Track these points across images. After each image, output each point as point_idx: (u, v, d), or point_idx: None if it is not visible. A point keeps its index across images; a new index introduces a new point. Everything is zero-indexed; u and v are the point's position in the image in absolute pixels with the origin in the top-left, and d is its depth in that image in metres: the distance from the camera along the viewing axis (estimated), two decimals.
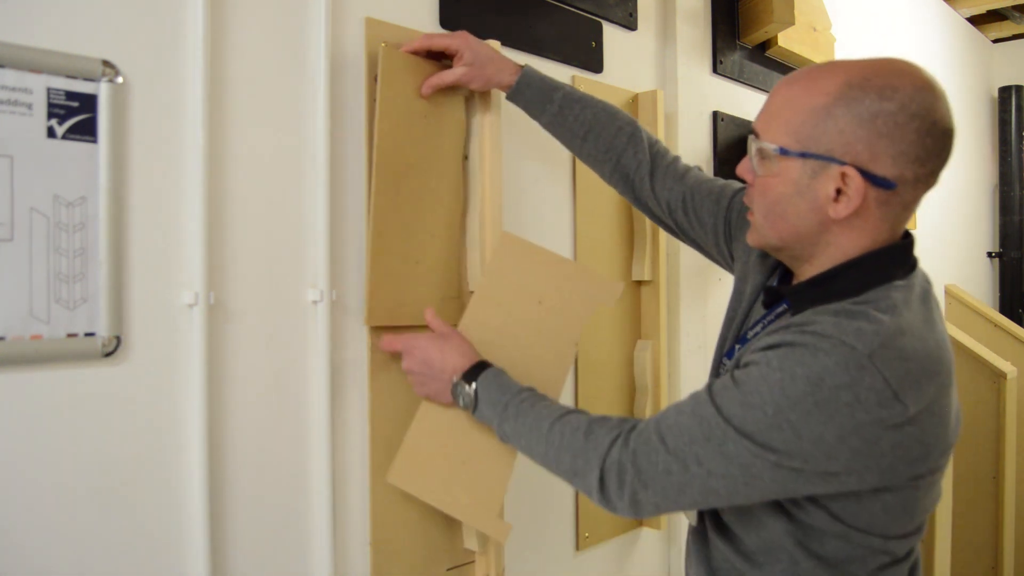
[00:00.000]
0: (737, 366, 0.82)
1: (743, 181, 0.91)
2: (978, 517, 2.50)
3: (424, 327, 1.14)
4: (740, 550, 0.87)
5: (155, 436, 0.92)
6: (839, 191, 0.79)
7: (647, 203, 1.20)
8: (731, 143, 1.88)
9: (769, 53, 2.00)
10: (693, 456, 0.79)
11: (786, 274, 0.95)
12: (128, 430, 0.90)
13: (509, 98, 1.21)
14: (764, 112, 0.86)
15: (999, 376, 2.47)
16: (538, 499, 1.40)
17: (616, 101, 1.56)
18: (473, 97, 1.25)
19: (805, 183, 0.81)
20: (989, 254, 3.61)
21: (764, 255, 0.99)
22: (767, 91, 2.03)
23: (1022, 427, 2.59)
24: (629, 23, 1.62)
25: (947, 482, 1.98)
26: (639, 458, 0.82)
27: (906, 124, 0.77)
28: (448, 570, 1.22)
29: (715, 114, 1.83)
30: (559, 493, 1.46)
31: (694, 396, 0.82)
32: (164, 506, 0.93)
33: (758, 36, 1.92)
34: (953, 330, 2.60)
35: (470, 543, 1.22)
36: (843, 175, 0.78)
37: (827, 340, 0.75)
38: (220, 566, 0.97)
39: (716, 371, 1.02)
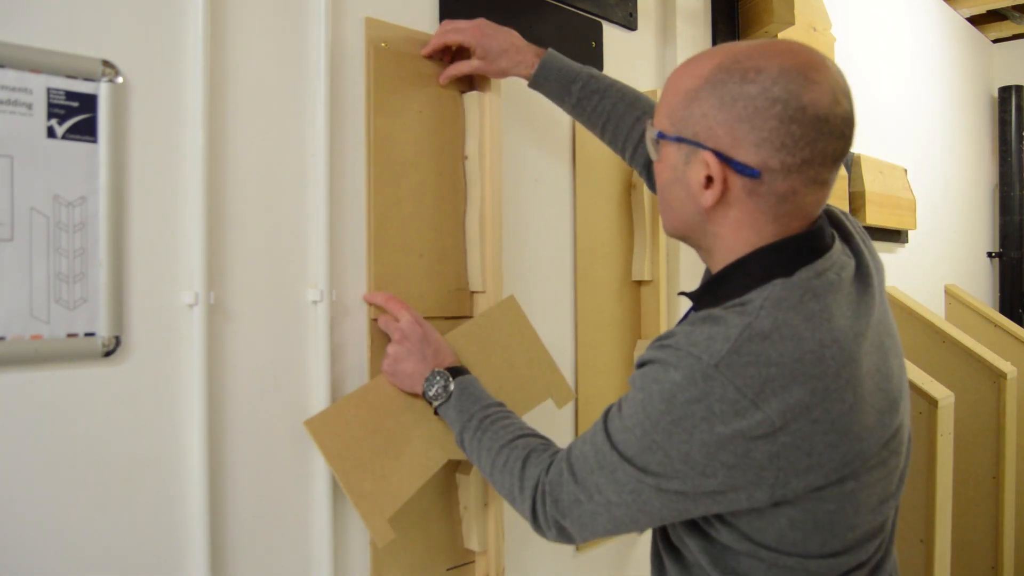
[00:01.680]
0: None
1: None
2: (978, 517, 2.50)
3: (427, 319, 1.15)
4: (677, 569, 0.85)
5: (155, 436, 0.92)
6: (709, 178, 0.75)
7: None
8: None
9: None
10: (594, 485, 0.78)
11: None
12: (128, 430, 0.90)
13: (530, 87, 1.20)
14: (659, 99, 0.83)
15: (999, 376, 2.47)
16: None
17: None
18: (473, 96, 1.25)
19: (681, 169, 0.78)
20: (989, 254, 3.61)
21: None
22: None
23: (1022, 427, 2.59)
24: (629, 23, 1.62)
25: (946, 482, 1.98)
26: (554, 488, 0.83)
27: (767, 109, 0.71)
28: (448, 570, 1.22)
29: None
30: None
31: (596, 422, 0.82)
32: (164, 506, 0.93)
33: (758, 36, 1.92)
34: (953, 330, 2.60)
35: (470, 543, 1.22)
36: (705, 162, 0.75)
37: (676, 353, 0.73)
38: (220, 566, 0.97)
39: None
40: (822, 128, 0.72)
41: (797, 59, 0.73)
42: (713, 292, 0.80)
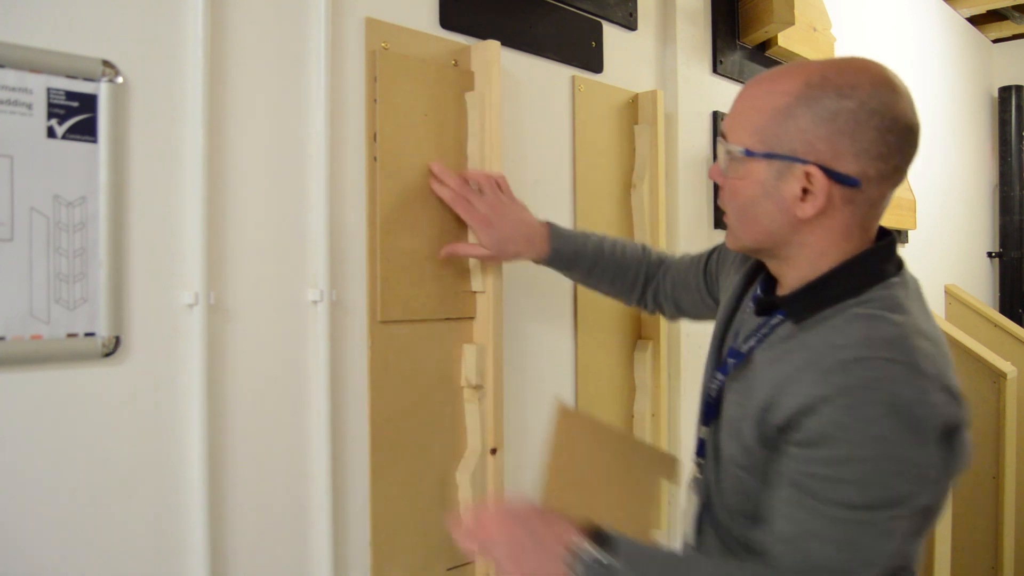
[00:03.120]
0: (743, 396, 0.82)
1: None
2: (978, 517, 2.50)
3: (428, 320, 1.16)
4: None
5: (155, 436, 0.92)
6: (805, 191, 0.79)
7: (657, 305, 1.26)
8: None
9: (769, 53, 2.00)
10: (861, 560, 0.73)
11: (767, 279, 0.93)
12: (128, 430, 0.90)
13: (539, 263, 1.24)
14: (731, 114, 0.86)
15: (999, 376, 2.47)
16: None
17: (616, 101, 1.57)
18: (473, 96, 1.25)
19: (772, 184, 0.81)
20: (989, 254, 3.61)
21: (738, 264, 1.01)
22: None
23: (1022, 427, 2.59)
24: (629, 23, 1.62)
25: None
26: None
27: (866, 121, 0.77)
28: (448, 570, 1.22)
29: (715, 114, 1.83)
30: None
31: (790, 516, 0.75)
32: (164, 506, 0.93)
33: (758, 36, 1.92)
34: (953, 330, 2.60)
35: None
36: (807, 174, 0.78)
37: (871, 364, 0.72)
38: (220, 566, 0.97)
39: (709, 388, 0.95)
40: (909, 137, 0.79)
41: (881, 73, 0.79)
42: (819, 293, 0.82)
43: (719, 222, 1.84)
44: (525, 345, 1.39)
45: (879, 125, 0.77)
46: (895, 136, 0.78)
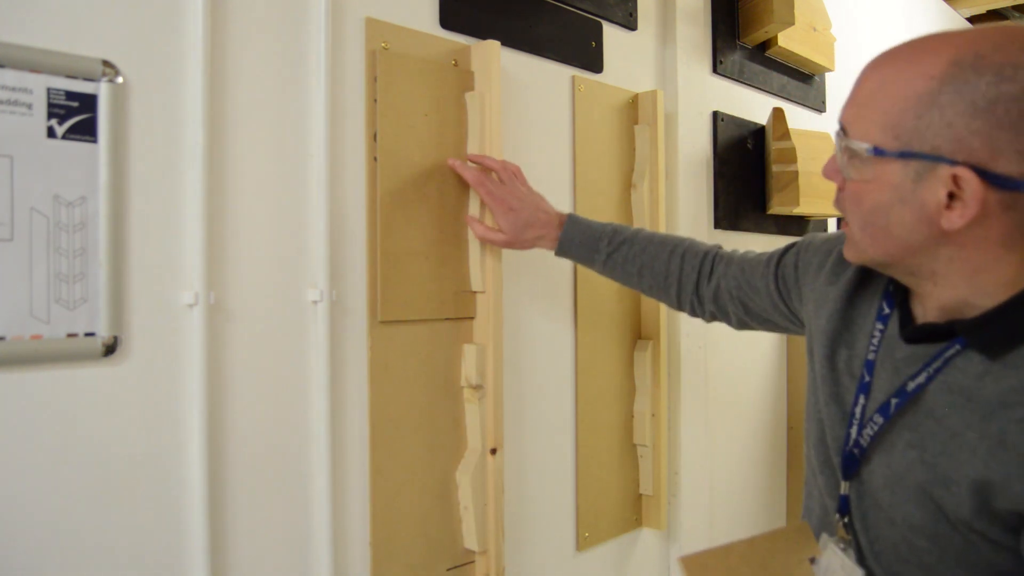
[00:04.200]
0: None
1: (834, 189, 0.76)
2: None
3: (428, 320, 1.16)
4: None
5: (155, 436, 0.92)
6: (951, 195, 0.64)
7: (714, 303, 1.10)
8: (731, 143, 1.88)
9: (769, 53, 2.00)
10: None
11: (893, 295, 0.78)
12: (128, 430, 0.90)
13: (557, 255, 1.21)
14: (852, 101, 0.70)
15: None
16: (538, 499, 1.40)
17: (616, 101, 1.57)
18: (473, 95, 1.25)
19: (908, 189, 0.66)
20: None
21: (828, 273, 0.86)
22: (767, 91, 2.03)
23: None
24: (629, 23, 1.62)
25: None
26: None
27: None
28: (448, 570, 1.22)
29: (715, 114, 1.83)
30: (559, 492, 1.46)
31: None
32: (164, 506, 0.93)
33: (758, 36, 1.92)
34: None
35: (470, 543, 1.22)
36: (955, 178, 0.63)
37: None
38: (220, 566, 0.97)
39: (850, 434, 0.77)
40: None
41: None
42: (1012, 326, 0.66)
43: (719, 222, 1.84)
44: (525, 345, 1.39)
45: None
46: None
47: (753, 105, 1.98)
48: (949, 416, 0.67)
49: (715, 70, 1.84)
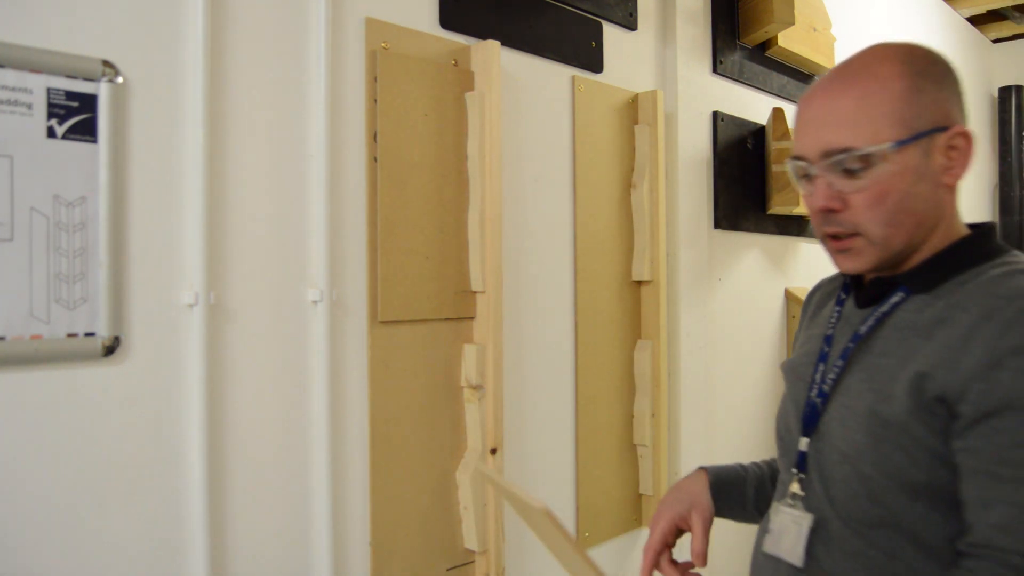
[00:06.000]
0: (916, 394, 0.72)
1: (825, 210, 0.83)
2: None
3: (428, 320, 1.16)
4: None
5: (155, 436, 0.92)
6: (948, 154, 0.79)
7: None
8: (731, 143, 1.88)
9: (769, 53, 2.00)
10: None
11: (848, 287, 0.88)
12: (128, 430, 0.90)
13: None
14: (833, 127, 0.79)
15: None
16: (538, 498, 1.40)
17: (616, 101, 1.57)
18: (474, 96, 1.25)
19: (924, 165, 0.78)
20: None
21: (809, 325, 0.95)
22: (767, 91, 2.03)
23: None
24: (629, 23, 1.62)
25: None
26: None
27: (956, 82, 0.81)
28: (448, 570, 1.22)
29: (715, 114, 1.83)
30: (559, 492, 1.46)
31: (1003, 500, 0.69)
32: (164, 505, 0.93)
33: (758, 36, 1.92)
34: None
35: (470, 543, 1.22)
36: (955, 136, 0.78)
37: None
38: (220, 565, 0.97)
39: (810, 397, 0.85)
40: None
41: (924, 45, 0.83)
42: (948, 261, 0.80)
43: (719, 222, 1.84)
44: (525, 345, 1.39)
45: (958, 80, 0.81)
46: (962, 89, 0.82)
47: (753, 105, 1.98)
48: (898, 349, 0.77)
49: (715, 70, 1.84)
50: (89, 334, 0.87)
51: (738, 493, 0.99)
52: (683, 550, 0.91)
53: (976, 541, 0.71)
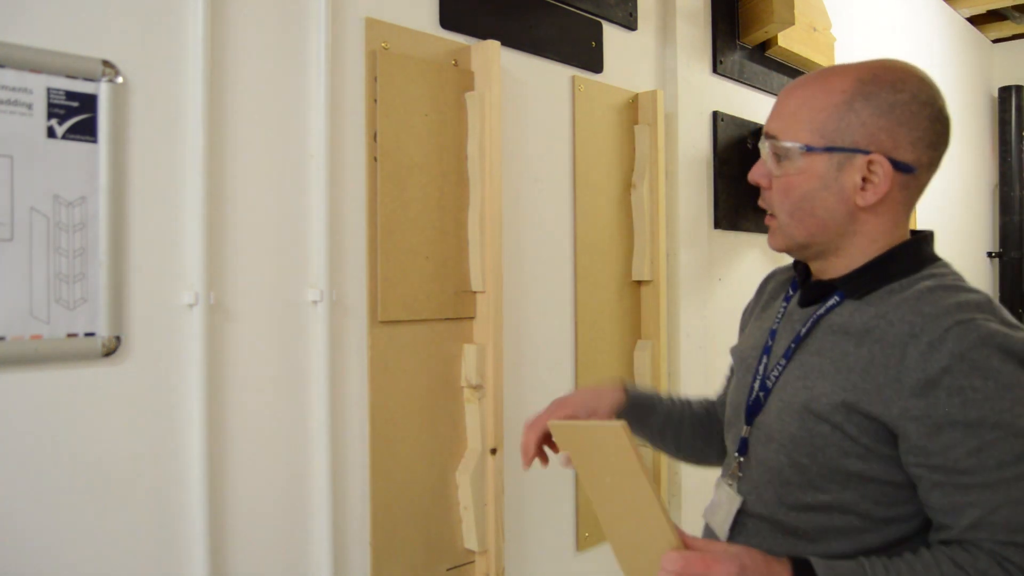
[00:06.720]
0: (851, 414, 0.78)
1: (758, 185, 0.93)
2: None
3: (428, 320, 1.15)
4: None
5: (155, 436, 0.92)
6: (864, 180, 0.83)
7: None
8: (731, 143, 1.88)
9: (769, 53, 2.00)
10: None
11: (798, 283, 0.93)
12: (128, 430, 0.90)
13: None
14: (778, 115, 0.88)
15: None
16: (538, 499, 1.40)
17: (616, 101, 1.57)
18: (474, 96, 1.25)
19: (832, 176, 0.84)
20: (989, 254, 3.61)
21: (759, 312, 1.00)
22: (767, 91, 2.03)
23: None
24: (629, 23, 1.62)
25: None
26: None
27: (919, 112, 0.82)
28: (448, 570, 1.22)
29: (715, 114, 1.83)
30: (559, 493, 1.46)
31: (966, 503, 0.73)
32: (164, 506, 0.93)
33: (758, 36, 1.92)
34: None
35: (470, 543, 1.22)
36: (870, 163, 0.82)
37: (973, 325, 0.74)
38: (220, 565, 0.97)
39: (753, 389, 0.90)
40: (949, 127, 0.86)
41: (920, 71, 0.85)
42: (879, 270, 0.85)
43: (719, 222, 1.84)
44: (525, 345, 1.39)
45: (929, 115, 0.82)
46: (941, 125, 0.84)
47: (753, 105, 1.98)
48: (831, 349, 0.83)
49: (715, 70, 1.84)
50: (89, 334, 0.87)
51: (645, 417, 1.05)
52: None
53: (952, 538, 0.76)
